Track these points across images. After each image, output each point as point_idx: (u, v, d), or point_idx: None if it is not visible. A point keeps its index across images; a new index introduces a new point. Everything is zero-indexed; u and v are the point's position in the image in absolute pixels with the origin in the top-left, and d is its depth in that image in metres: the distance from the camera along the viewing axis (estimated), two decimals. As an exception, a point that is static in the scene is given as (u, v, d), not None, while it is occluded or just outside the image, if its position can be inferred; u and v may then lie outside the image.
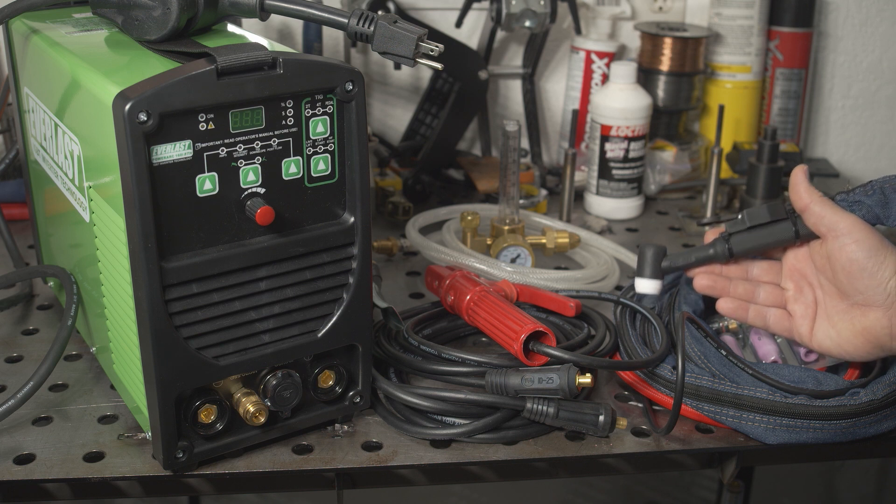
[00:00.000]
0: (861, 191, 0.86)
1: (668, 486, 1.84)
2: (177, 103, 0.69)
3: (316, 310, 0.81)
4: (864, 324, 0.83)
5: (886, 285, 0.81)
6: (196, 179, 0.72)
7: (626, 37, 1.51)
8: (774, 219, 0.88)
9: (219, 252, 0.75)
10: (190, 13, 0.79)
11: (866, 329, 0.83)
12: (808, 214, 0.85)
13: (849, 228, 0.82)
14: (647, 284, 0.93)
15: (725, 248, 0.90)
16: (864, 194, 0.85)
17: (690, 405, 0.86)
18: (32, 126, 0.96)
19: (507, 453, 0.83)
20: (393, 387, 0.86)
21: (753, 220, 0.88)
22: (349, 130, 0.78)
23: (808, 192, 0.85)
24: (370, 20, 0.79)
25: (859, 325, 0.83)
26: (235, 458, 0.82)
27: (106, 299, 0.83)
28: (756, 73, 1.47)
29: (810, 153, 1.62)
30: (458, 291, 0.97)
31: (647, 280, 0.93)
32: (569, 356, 0.86)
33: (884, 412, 0.83)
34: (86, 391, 0.91)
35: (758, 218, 0.88)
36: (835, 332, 0.85)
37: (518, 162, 1.14)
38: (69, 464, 0.80)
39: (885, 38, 1.56)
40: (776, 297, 0.90)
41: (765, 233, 0.88)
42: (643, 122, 1.30)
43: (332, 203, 0.80)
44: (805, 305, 0.88)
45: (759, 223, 0.88)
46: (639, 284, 0.93)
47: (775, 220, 0.88)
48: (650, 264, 0.92)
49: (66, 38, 0.87)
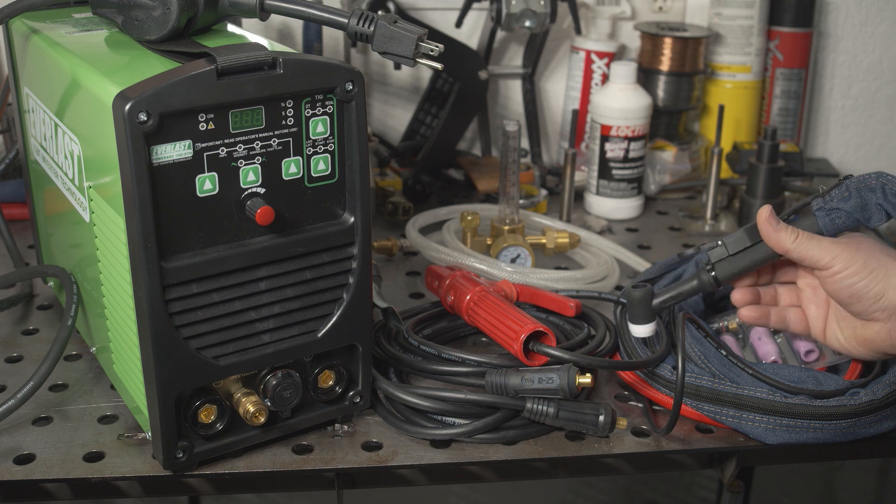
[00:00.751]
0: (837, 195, 0.85)
1: (668, 486, 1.85)
2: (177, 103, 0.69)
3: (316, 310, 0.81)
4: (866, 335, 0.85)
5: (880, 302, 0.81)
6: (196, 179, 0.72)
7: (626, 37, 1.51)
8: (754, 241, 0.88)
9: (219, 252, 0.75)
10: (190, 13, 0.79)
11: (868, 339, 0.85)
12: (791, 256, 0.85)
13: (831, 260, 0.82)
14: (643, 329, 0.91)
15: (710, 277, 0.90)
16: (841, 199, 0.85)
17: (690, 405, 0.86)
18: (32, 126, 0.96)
19: (507, 453, 0.83)
20: (393, 387, 0.86)
21: (734, 247, 0.88)
22: (349, 130, 0.78)
23: (783, 233, 0.85)
24: (370, 20, 0.79)
25: (861, 335, 0.85)
26: (235, 458, 0.82)
27: (106, 299, 0.83)
28: (756, 73, 1.47)
29: (810, 153, 1.62)
30: (458, 291, 0.97)
31: (642, 325, 0.91)
32: (569, 356, 0.86)
33: (884, 412, 0.83)
34: (86, 391, 0.91)
35: (738, 244, 0.88)
36: (842, 337, 0.87)
37: (518, 162, 1.14)
38: (69, 464, 0.80)
39: (885, 38, 1.56)
40: (794, 296, 0.91)
41: (747, 257, 0.88)
42: (643, 122, 1.30)
43: (332, 203, 0.80)
44: (817, 305, 0.89)
45: (740, 249, 0.88)
46: (634, 331, 0.91)
47: (755, 242, 0.88)
48: (640, 309, 0.90)
49: (66, 38, 0.87)
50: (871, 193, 0.85)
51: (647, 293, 0.90)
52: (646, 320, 0.91)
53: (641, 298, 0.90)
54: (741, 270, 0.89)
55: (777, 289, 0.92)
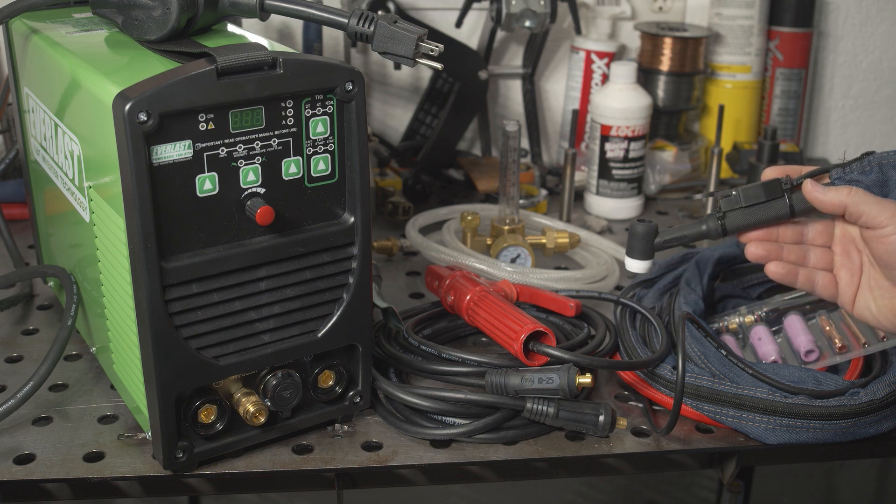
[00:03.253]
0: (858, 167, 0.83)
1: (668, 486, 1.84)
2: (177, 103, 0.69)
3: (316, 310, 0.81)
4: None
5: None
6: (196, 179, 0.72)
7: (626, 37, 1.51)
8: (770, 197, 0.86)
9: (219, 252, 0.75)
10: (190, 13, 0.79)
11: None
12: (847, 212, 0.82)
13: (888, 219, 0.79)
14: (638, 265, 0.90)
15: (718, 225, 0.88)
16: (861, 172, 0.83)
17: (690, 405, 0.86)
18: (32, 126, 0.96)
19: (507, 453, 0.83)
20: (393, 387, 0.86)
21: (749, 199, 0.87)
22: (349, 130, 0.78)
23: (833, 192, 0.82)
24: (370, 20, 0.79)
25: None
26: (235, 458, 0.82)
27: (106, 299, 0.83)
28: (756, 73, 1.47)
29: (810, 153, 1.62)
30: (458, 291, 0.97)
31: (638, 261, 0.90)
32: (569, 356, 0.86)
33: (884, 412, 0.83)
34: (86, 391, 0.91)
35: (753, 198, 0.86)
36: (875, 307, 0.84)
37: (518, 162, 1.14)
38: (69, 464, 0.80)
39: (885, 38, 1.56)
40: (827, 260, 0.87)
41: (759, 211, 0.86)
42: (643, 122, 1.30)
43: (332, 203, 0.80)
44: (850, 272, 0.86)
45: (753, 203, 0.87)
46: (629, 264, 0.90)
47: (770, 198, 0.86)
48: (641, 243, 0.89)
49: (66, 38, 0.87)
50: (894, 170, 0.82)
51: (652, 228, 0.89)
52: (644, 256, 0.89)
53: (645, 233, 0.89)
54: (751, 224, 0.86)
55: (808, 250, 0.88)
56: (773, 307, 0.97)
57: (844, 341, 0.91)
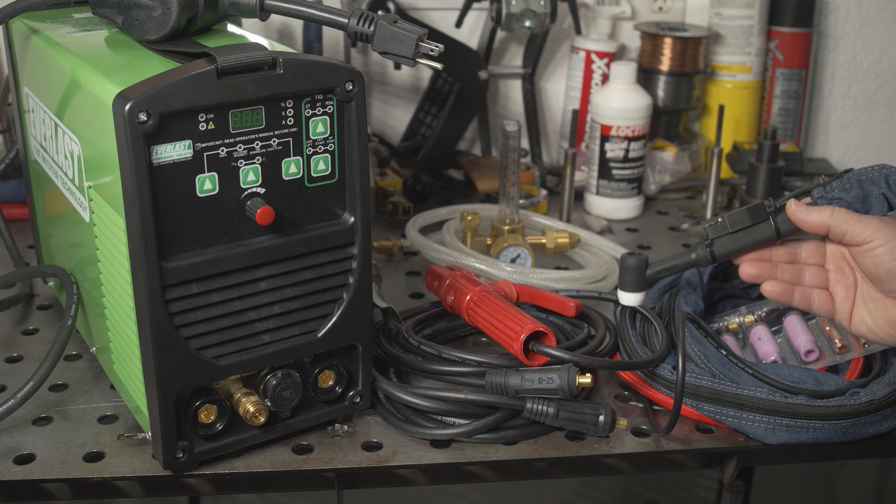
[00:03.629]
0: (838, 185, 0.85)
1: (668, 486, 1.84)
2: (177, 103, 0.69)
3: (316, 310, 0.81)
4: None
5: None
6: (196, 179, 0.72)
7: (626, 37, 1.51)
8: (755, 221, 0.88)
9: (219, 252, 0.75)
10: (190, 13, 0.79)
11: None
12: (830, 232, 0.83)
13: (871, 235, 0.81)
14: (632, 297, 0.91)
15: (707, 252, 0.89)
16: (842, 189, 0.84)
17: (690, 405, 0.86)
18: (32, 126, 0.96)
19: (507, 453, 0.83)
20: (393, 387, 0.86)
21: (735, 225, 0.88)
22: (349, 130, 0.78)
23: (816, 213, 0.83)
24: (370, 20, 0.79)
25: (892, 316, 0.83)
26: (235, 458, 0.82)
27: (106, 299, 0.83)
28: (756, 73, 1.47)
29: (810, 153, 1.62)
30: (458, 291, 0.97)
31: (631, 293, 0.91)
32: (569, 356, 0.86)
33: (884, 412, 0.83)
34: (86, 391, 0.91)
35: (739, 223, 0.88)
36: (870, 319, 0.84)
37: (518, 162, 1.14)
38: (69, 464, 0.80)
39: (885, 38, 1.56)
40: (822, 278, 0.88)
41: (746, 235, 0.88)
42: (643, 122, 1.30)
43: (332, 203, 0.80)
44: (845, 288, 0.87)
45: (740, 228, 0.88)
46: (622, 298, 0.92)
47: (756, 222, 0.88)
48: (633, 276, 0.90)
49: (66, 38, 0.87)
50: (873, 185, 0.84)
51: (642, 261, 0.90)
52: (636, 289, 0.90)
53: (636, 266, 0.90)
54: (739, 249, 0.88)
55: (803, 269, 0.89)
56: (773, 307, 0.97)
57: (844, 341, 0.92)
